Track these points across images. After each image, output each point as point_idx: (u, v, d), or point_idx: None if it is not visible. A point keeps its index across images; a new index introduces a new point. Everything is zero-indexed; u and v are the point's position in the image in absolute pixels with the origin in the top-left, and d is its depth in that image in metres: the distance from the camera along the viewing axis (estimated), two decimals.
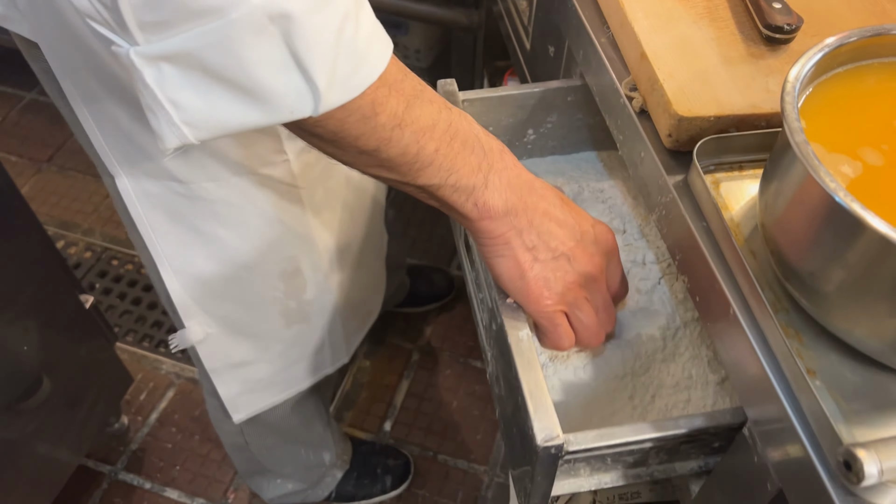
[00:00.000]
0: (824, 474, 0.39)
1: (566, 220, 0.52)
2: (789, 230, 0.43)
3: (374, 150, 0.45)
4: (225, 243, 0.76)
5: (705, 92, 0.54)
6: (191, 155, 0.68)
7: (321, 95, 0.39)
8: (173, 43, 0.37)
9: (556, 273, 0.51)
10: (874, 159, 0.43)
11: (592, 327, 0.53)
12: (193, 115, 0.40)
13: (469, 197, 0.49)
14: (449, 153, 0.47)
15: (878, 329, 0.40)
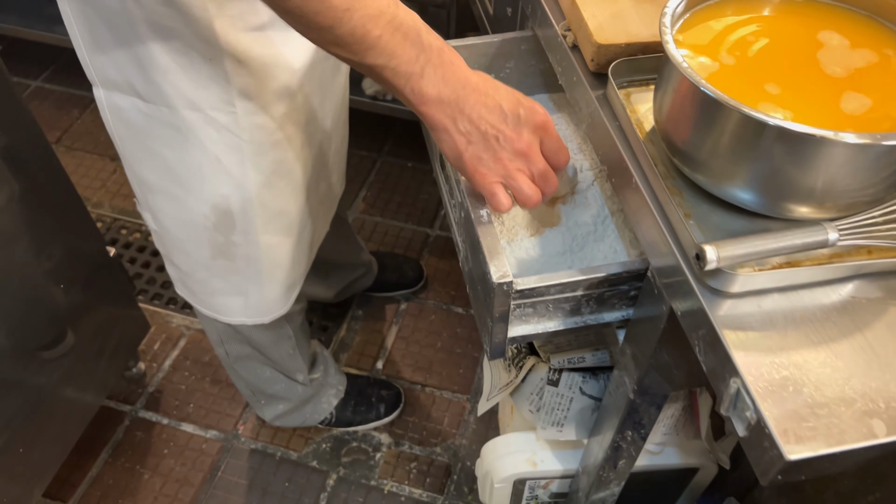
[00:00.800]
0: (692, 279, 0.55)
1: (496, 106, 0.62)
2: (672, 116, 0.59)
3: (329, 28, 0.57)
4: (168, 163, 0.87)
5: (618, 26, 0.70)
6: (153, 79, 0.78)
7: None
8: None
9: (487, 152, 0.63)
10: (728, 60, 0.59)
11: (525, 191, 0.64)
12: None
13: (407, 82, 0.60)
14: (391, 41, 0.58)
15: (728, 178, 0.57)
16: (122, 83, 0.82)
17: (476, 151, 0.63)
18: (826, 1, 0.63)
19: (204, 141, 0.84)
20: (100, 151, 1.99)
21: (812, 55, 0.59)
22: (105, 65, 0.81)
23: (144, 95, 0.81)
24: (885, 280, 0.56)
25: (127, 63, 0.79)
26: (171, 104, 0.81)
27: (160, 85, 0.79)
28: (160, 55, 0.76)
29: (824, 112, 0.55)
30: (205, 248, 0.97)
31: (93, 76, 0.84)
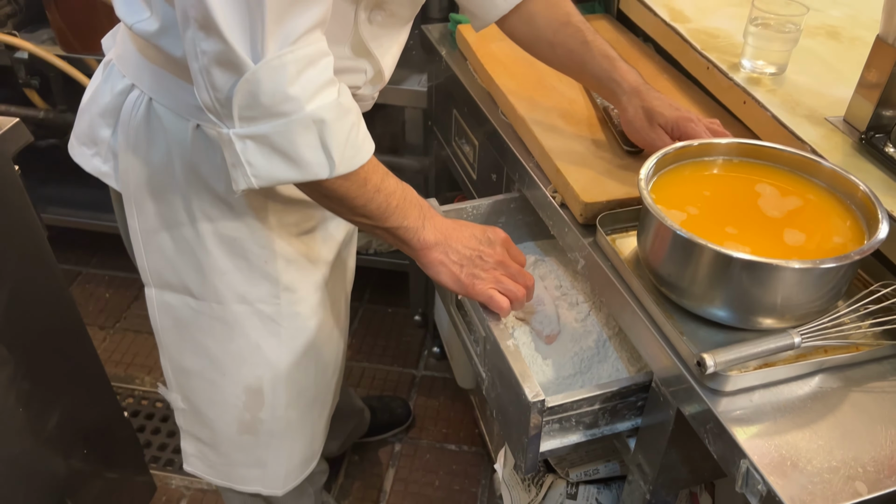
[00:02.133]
0: (694, 384, 0.69)
1: (472, 236, 0.83)
2: (655, 255, 0.75)
3: (362, 206, 0.76)
4: (210, 352, 0.96)
5: (598, 187, 0.88)
6: (211, 280, 0.90)
7: (335, 166, 0.71)
8: (257, 129, 0.68)
9: (476, 269, 0.82)
10: (693, 211, 0.76)
11: (516, 291, 0.83)
12: (259, 171, 0.70)
13: (414, 235, 0.80)
14: (403, 206, 0.79)
15: (707, 301, 0.72)
16: (177, 284, 0.92)
17: (469, 271, 0.83)
18: (758, 161, 0.82)
19: (248, 330, 0.94)
20: (89, 322, 2.05)
21: (755, 203, 0.77)
22: (163, 269, 0.92)
23: (197, 294, 0.92)
24: (842, 372, 0.70)
25: (186, 267, 0.90)
26: (223, 300, 0.92)
27: (216, 285, 0.90)
28: (221, 260, 0.89)
29: (774, 246, 0.72)
30: (232, 426, 1.02)
31: (147, 278, 0.94)
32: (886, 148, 0.82)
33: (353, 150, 0.72)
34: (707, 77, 1.05)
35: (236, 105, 0.66)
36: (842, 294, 0.73)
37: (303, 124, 0.68)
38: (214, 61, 0.65)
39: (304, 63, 0.66)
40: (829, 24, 1.15)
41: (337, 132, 0.70)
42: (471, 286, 0.82)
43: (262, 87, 0.65)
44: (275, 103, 0.66)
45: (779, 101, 0.94)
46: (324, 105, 0.68)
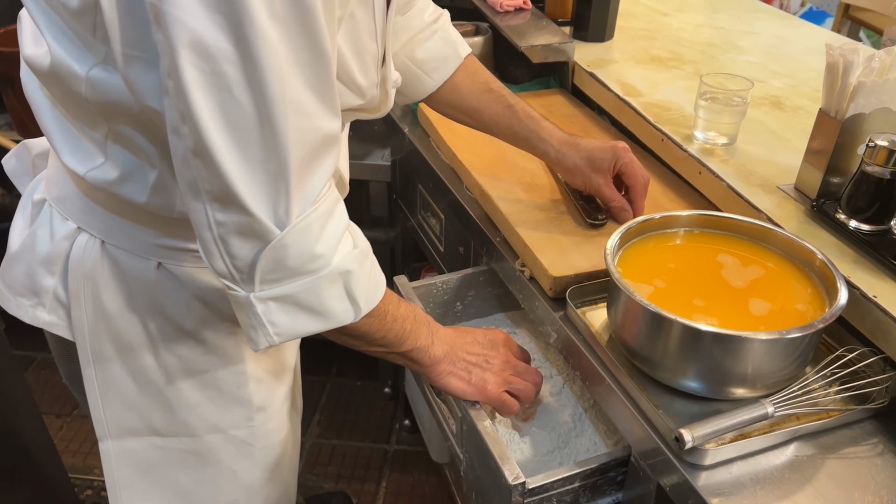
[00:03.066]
0: (673, 458, 0.69)
1: (475, 342, 0.85)
2: (626, 329, 0.76)
3: (381, 338, 0.77)
4: (182, 486, 0.90)
5: (566, 261, 0.89)
6: (180, 415, 0.85)
7: (361, 310, 0.71)
8: (281, 290, 0.66)
9: (485, 373, 0.84)
10: (660, 284, 0.78)
11: (524, 389, 0.84)
12: (282, 329, 0.68)
13: (426, 353, 0.81)
14: (415, 329, 0.80)
15: (680, 373, 0.73)
16: (141, 427, 0.86)
17: (479, 376, 0.84)
18: (718, 231, 0.84)
19: (221, 458, 0.89)
20: (44, 410, 1.97)
21: (718, 273, 0.78)
22: (124, 416, 0.85)
23: (164, 432, 0.86)
24: (815, 439, 0.71)
25: (152, 408, 0.84)
26: (194, 433, 0.87)
27: (186, 419, 0.85)
28: (192, 394, 0.84)
29: (740, 316, 0.73)
30: None
31: (104, 430, 0.85)
32: (837, 214, 0.85)
33: (374, 289, 0.73)
34: (662, 149, 1.09)
35: (259, 271, 0.64)
36: (808, 360, 0.74)
37: (330, 279, 0.67)
38: (234, 232, 0.62)
39: (325, 218, 0.66)
40: (772, 95, 1.21)
41: (361, 278, 0.70)
42: (483, 392, 0.83)
43: (290, 252, 0.64)
44: (302, 264, 0.65)
45: (732, 170, 0.98)
46: (347, 256, 0.68)
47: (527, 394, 0.85)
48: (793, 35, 1.51)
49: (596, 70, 1.29)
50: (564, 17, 1.50)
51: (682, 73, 1.29)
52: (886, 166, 0.79)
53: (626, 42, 1.44)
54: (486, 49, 1.49)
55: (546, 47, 1.32)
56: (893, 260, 0.78)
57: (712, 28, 1.53)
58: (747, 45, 1.44)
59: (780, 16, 1.65)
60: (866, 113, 0.84)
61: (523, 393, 0.84)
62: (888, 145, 0.79)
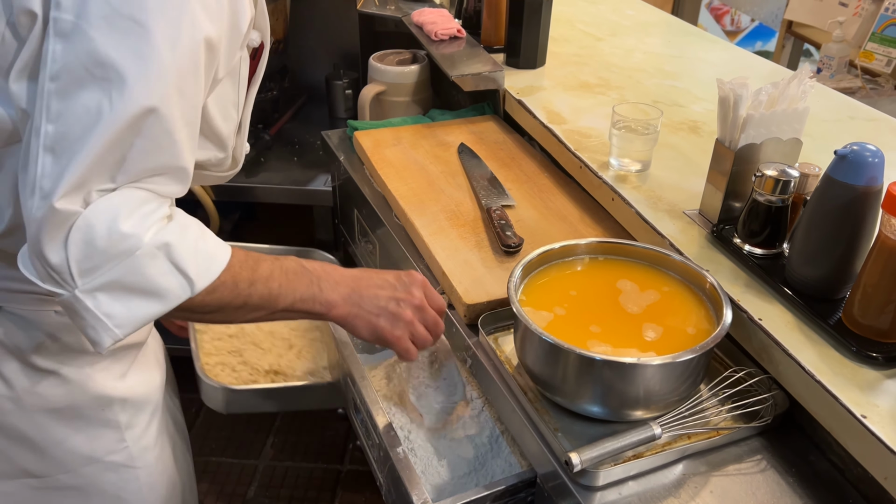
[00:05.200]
0: (567, 480, 0.72)
1: (384, 282, 0.82)
2: (527, 356, 0.80)
3: (244, 305, 0.73)
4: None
5: (479, 288, 0.92)
6: (50, 453, 0.85)
7: (194, 282, 0.68)
8: (104, 278, 0.64)
9: (395, 317, 0.81)
10: (560, 311, 0.81)
11: (425, 339, 0.83)
12: (120, 320, 0.66)
13: (314, 302, 0.78)
14: (287, 283, 0.76)
15: (578, 397, 0.76)
16: (11, 471, 0.86)
17: (387, 320, 0.81)
18: (619, 257, 0.88)
19: (105, 487, 0.90)
20: None
21: (615, 300, 0.82)
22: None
23: (37, 472, 0.87)
24: (704, 457, 0.75)
25: (19, 451, 0.85)
26: (69, 468, 0.87)
27: (57, 455, 0.86)
28: (57, 430, 0.85)
29: (633, 342, 0.77)
30: None
31: None
32: (734, 239, 0.90)
33: (207, 260, 0.70)
34: (580, 175, 1.13)
35: (73, 261, 0.63)
36: (700, 381, 0.78)
37: (149, 255, 0.65)
38: (41, 225, 0.62)
39: (136, 203, 0.65)
40: (691, 120, 1.26)
41: (184, 249, 0.67)
42: (391, 336, 0.81)
43: (96, 231, 0.63)
44: (112, 244, 0.63)
45: (643, 196, 1.02)
46: (161, 229, 0.66)
47: (424, 343, 0.84)
48: (718, 59, 1.57)
49: (525, 97, 1.33)
50: (499, 44, 1.55)
51: (607, 99, 1.34)
52: (774, 194, 0.84)
53: (558, 68, 1.48)
54: (423, 76, 1.53)
55: (476, 76, 1.36)
56: (781, 283, 0.82)
57: (642, 53, 1.58)
58: (674, 69, 1.49)
59: (710, 40, 1.71)
60: (757, 143, 0.89)
61: (420, 341, 0.83)
62: (774, 175, 0.83)
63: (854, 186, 0.74)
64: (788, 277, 0.82)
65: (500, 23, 1.52)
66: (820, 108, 1.28)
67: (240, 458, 1.92)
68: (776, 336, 0.76)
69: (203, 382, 1.10)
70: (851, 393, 0.68)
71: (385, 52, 1.57)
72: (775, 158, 0.90)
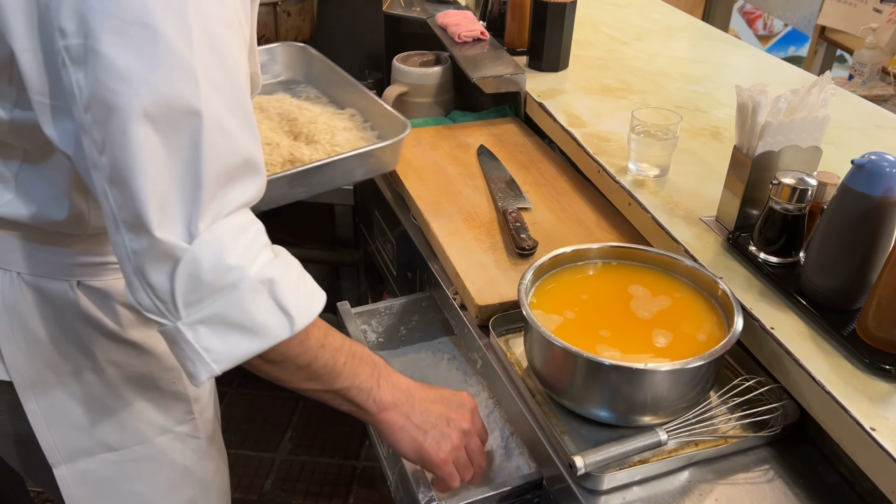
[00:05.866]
0: (572, 483, 0.72)
1: (438, 398, 0.79)
2: (536, 359, 0.80)
3: (307, 365, 0.71)
4: (139, 494, 0.93)
5: (492, 290, 0.93)
6: (128, 424, 0.88)
7: (294, 321, 0.66)
8: (206, 311, 0.64)
9: (442, 438, 0.77)
10: (570, 315, 0.81)
11: (469, 470, 0.80)
12: (218, 354, 0.65)
13: (369, 395, 0.75)
14: (352, 365, 0.74)
15: (585, 401, 0.76)
16: (92, 446, 0.88)
17: (434, 438, 0.77)
18: (632, 262, 0.88)
19: (174, 457, 0.93)
20: None
21: (627, 305, 0.82)
22: (73, 439, 0.87)
23: (116, 445, 0.89)
24: (710, 465, 0.75)
25: (100, 424, 0.87)
26: (145, 439, 0.90)
27: (134, 426, 0.89)
28: (136, 401, 0.88)
29: (643, 347, 0.77)
30: None
31: (56, 457, 0.87)
32: (750, 247, 0.89)
33: (307, 300, 0.69)
34: (598, 179, 1.13)
35: (179, 294, 0.63)
36: (709, 388, 0.78)
37: (252, 289, 0.65)
38: (148, 258, 0.63)
39: (237, 232, 0.65)
40: (712, 125, 1.25)
41: (287, 286, 0.67)
42: (435, 457, 0.77)
43: (203, 266, 0.63)
44: (218, 277, 0.63)
45: (660, 202, 1.02)
46: (267, 265, 0.66)
47: (467, 475, 0.80)
48: (744, 65, 1.55)
49: (546, 100, 1.33)
50: (523, 46, 1.55)
51: (629, 103, 1.33)
52: (790, 202, 0.83)
53: (580, 71, 1.48)
54: (447, 78, 1.54)
55: (498, 78, 1.36)
56: (794, 292, 0.82)
57: (666, 57, 1.57)
58: (698, 74, 1.48)
59: (737, 45, 1.70)
60: (776, 150, 0.89)
61: (465, 472, 0.79)
62: (792, 183, 0.83)
63: (871, 197, 0.73)
64: (803, 287, 0.82)
65: (524, 25, 1.52)
66: (846, 116, 1.26)
67: (258, 450, 1.94)
68: (787, 345, 0.75)
69: None
70: (861, 405, 0.68)
71: (408, 54, 1.58)
72: (794, 166, 0.89)
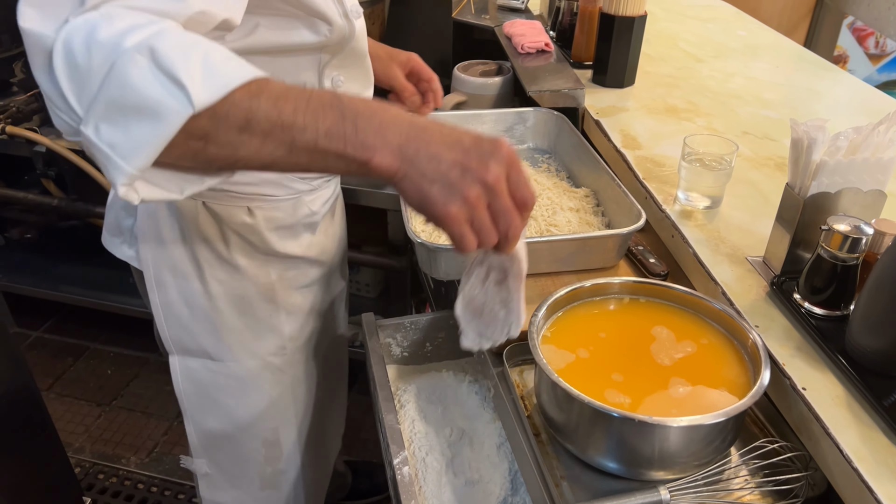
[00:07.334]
0: None
1: (455, 141, 0.59)
2: (543, 396, 0.76)
3: (245, 124, 0.56)
4: (230, 409, 1.06)
5: None
6: (224, 339, 1.00)
7: (189, 91, 0.54)
8: (99, 105, 0.55)
9: (453, 187, 0.58)
10: (584, 354, 0.77)
11: (490, 234, 0.61)
12: (123, 149, 0.55)
13: (346, 143, 0.58)
14: (307, 111, 0.57)
15: (589, 447, 0.72)
16: (196, 349, 1.02)
17: (442, 190, 0.59)
18: (659, 300, 0.82)
19: (261, 384, 1.04)
20: (87, 398, 2.12)
21: (646, 348, 0.77)
22: (182, 337, 1.01)
23: (214, 355, 1.02)
24: None
25: (202, 331, 1.00)
26: (237, 358, 1.02)
27: (229, 343, 1.01)
28: (232, 319, 0.99)
29: (657, 396, 0.72)
30: (255, 482, 1.13)
31: (170, 347, 1.03)
32: (794, 295, 0.82)
33: (212, 73, 0.56)
34: (645, 205, 1.07)
35: (67, 91, 0.56)
36: (727, 446, 0.72)
37: (130, 61, 0.54)
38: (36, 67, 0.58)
39: (120, 18, 0.56)
40: (779, 156, 1.16)
41: (176, 54, 0.55)
42: (442, 211, 0.59)
43: (74, 48, 0.55)
44: (91, 57, 0.55)
45: (705, 236, 0.95)
46: (148, 35, 0.55)
47: (485, 237, 0.61)
48: (829, 90, 1.44)
49: (603, 118, 1.28)
50: (590, 60, 1.50)
51: (692, 126, 1.26)
52: (841, 251, 0.76)
53: (647, 89, 1.42)
54: (507, 89, 1.50)
55: (555, 93, 1.32)
56: (836, 351, 0.74)
57: (743, 78, 1.48)
58: (774, 98, 1.38)
59: (825, 67, 1.58)
60: (832, 192, 0.81)
61: (482, 233, 0.61)
62: (844, 230, 0.75)
63: None
64: (847, 345, 0.74)
65: (592, 39, 1.47)
66: None
67: None
68: (818, 410, 0.68)
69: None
70: (892, 488, 0.60)
71: (471, 62, 1.55)
72: (853, 211, 0.81)
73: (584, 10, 1.46)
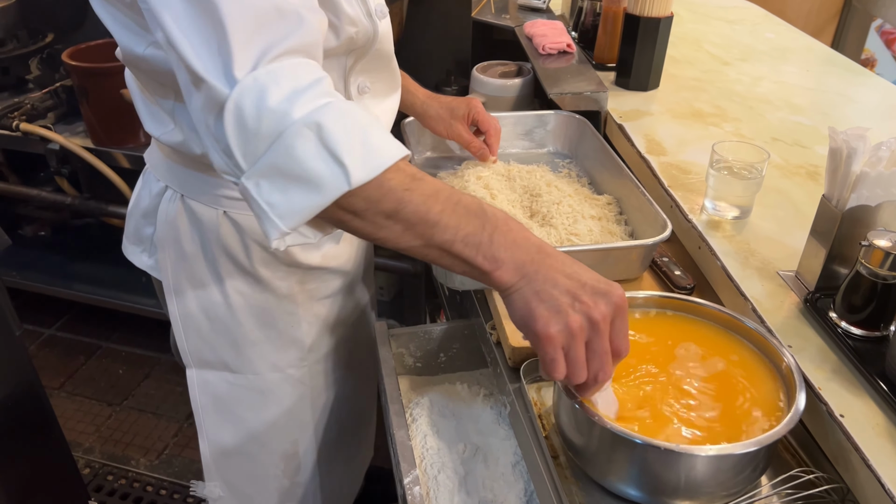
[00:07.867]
0: None
1: (574, 274, 0.63)
2: (562, 417, 0.72)
3: (394, 213, 0.62)
4: (248, 424, 1.03)
5: None
6: (244, 352, 0.98)
7: (350, 172, 0.60)
8: (263, 163, 0.61)
9: (560, 311, 0.61)
10: None
11: (581, 371, 0.63)
12: (281, 209, 0.62)
13: (478, 251, 0.63)
14: (453, 215, 0.63)
15: (609, 474, 0.68)
16: (215, 361, 0.99)
17: (549, 311, 0.62)
18: (687, 315, 0.78)
19: (281, 397, 1.02)
20: (98, 397, 2.11)
21: (672, 365, 0.73)
22: (201, 349, 0.99)
23: (234, 367, 0.99)
24: None
25: (222, 343, 0.97)
26: (258, 370, 0.99)
27: (250, 356, 0.98)
28: (253, 331, 0.97)
29: (683, 420, 0.68)
30: (273, 497, 1.11)
31: (188, 360, 1.01)
32: (830, 313, 0.77)
33: (370, 150, 0.62)
34: (670, 214, 1.02)
35: (234, 145, 0.61)
36: (758, 475, 0.67)
37: (298, 134, 0.60)
38: (204, 109, 0.62)
39: (283, 77, 0.61)
40: (811, 164, 1.11)
41: (339, 133, 0.61)
42: (543, 331, 0.62)
43: (245, 111, 0.60)
44: (261, 122, 0.60)
45: (734, 248, 0.91)
46: (315, 110, 0.61)
47: (575, 373, 0.63)
48: (862, 96, 1.39)
49: (627, 122, 1.24)
50: (613, 62, 1.45)
51: (720, 131, 1.21)
52: (881, 268, 0.71)
53: (672, 92, 1.37)
54: (526, 91, 1.46)
55: (577, 95, 1.28)
56: (876, 374, 0.69)
57: (772, 82, 1.43)
58: (805, 103, 1.33)
59: (856, 71, 1.52)
60: (872, 205, 0.76)
61: (573, 367, 0.63)
62: (886, 246, 0.71)
63: None
64: (888, 369, 0.70)
65: (615, 40, 1.42)
66: None
67: None
68: (856, 439, 0.64)
69: None
70: None
71: (490, 63, 1.51)
72: (894, 225, 0.77)
73: (608, 11, 1.41)
